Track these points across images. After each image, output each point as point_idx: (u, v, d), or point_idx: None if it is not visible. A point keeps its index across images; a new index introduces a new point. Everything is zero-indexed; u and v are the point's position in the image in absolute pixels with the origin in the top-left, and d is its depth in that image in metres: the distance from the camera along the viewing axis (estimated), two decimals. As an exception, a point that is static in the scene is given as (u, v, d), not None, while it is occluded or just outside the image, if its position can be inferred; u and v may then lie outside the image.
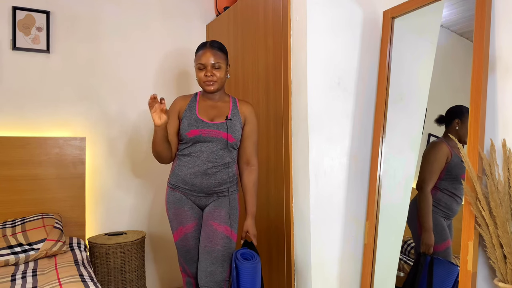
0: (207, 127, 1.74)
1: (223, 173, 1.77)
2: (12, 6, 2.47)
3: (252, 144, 1.84)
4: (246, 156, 1.84)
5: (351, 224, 1.92)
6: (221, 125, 1.75)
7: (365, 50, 1.95)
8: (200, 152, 1.74)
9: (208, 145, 1.74)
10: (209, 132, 1.74)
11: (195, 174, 1.75)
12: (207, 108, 1.81)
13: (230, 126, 1.76)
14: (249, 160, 1.84)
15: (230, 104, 1.83)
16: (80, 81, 2.65)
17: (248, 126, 1.83)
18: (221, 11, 2.83)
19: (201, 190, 1.77)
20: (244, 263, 1.65)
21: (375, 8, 1.96)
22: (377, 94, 1.91)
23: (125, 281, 2.45)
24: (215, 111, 1.81)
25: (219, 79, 1.76)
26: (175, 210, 1.80)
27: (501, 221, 1.30)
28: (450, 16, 1.72)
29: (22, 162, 2.43)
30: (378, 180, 1.87)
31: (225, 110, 1.81)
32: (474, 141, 1.41)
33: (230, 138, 1.75)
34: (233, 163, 1.82)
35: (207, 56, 1.74)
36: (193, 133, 1.74)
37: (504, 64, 1.44)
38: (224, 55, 1.80)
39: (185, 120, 1.77)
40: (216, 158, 1.75)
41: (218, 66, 1.75)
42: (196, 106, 1.81)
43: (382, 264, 1.85)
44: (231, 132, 1.76)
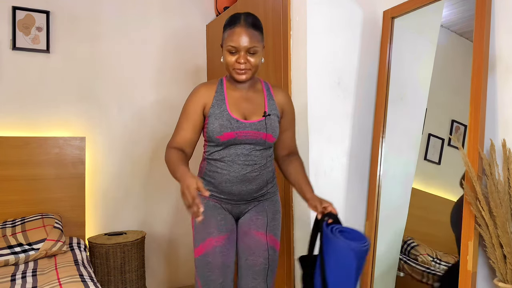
0: (243, 128, 1.43)
1: (264, 174, 1.50)
2: (12, 6, 2.47)
3: (293, 135, 1.59)
4: (286, 148, 1.58)
5: (351, 224, 1.92)
6: (259, 124, 1.44)
7: (365, 50, 1.95)
8: (236, 155, 1.45)
9: (244, 146, 1.45)
10: (246, 134, 1.43)
11: (231, 182, 1.46)
12: (238, 101, 1.48)
13: (270, 124, 1.46)
14: (291, 151, 1.59)
15: (264, 94, 1.52)
16: (80, 81, 2.65)
17: (287, 118, 1.55)
18: (221, 11, 2.83)
19: (240, 198, 1.50)
20: (352, 244, 1.22)
21: (375, 8, 1.96)
22: (377, 94, 1.92)
23: (125, 281, 2.45)
24: (248, 104, 1.48)
25: (253, 66, 1.42)
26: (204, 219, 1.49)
27: (501, 221, 1.30)
28: (450, 16, 1.72)
29: (22, 162, 2.43)
30: (378, 180, 1.87)
31: (260, 102, 1.49)
32: (474, 141, 1.41)
33: (270, 138, 1.47)
34: (272, 159, 1.56)
35: (242, 37, 1.38)
36: (227, 136, 1.42)
37: (504, 64, 1.44)
38: (261, 34, 1.44)
39: (215, 120, 1.43)
40: (255, 159, 1.47)
41: (254, 51, 1.40)
42: (226, 100, 1.47)
43: (382, 264, 1.85)
44: (271, 131, 1.46)
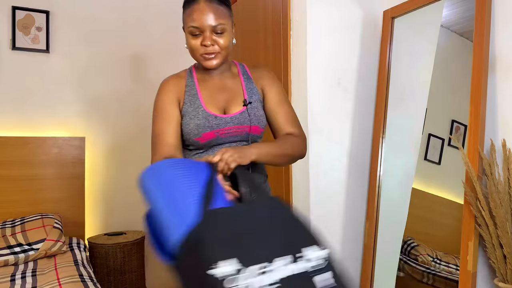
0: (224, 124, 1.21)
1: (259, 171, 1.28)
2: (12, 6, 2.47)
3: (287, 116, 1.28)
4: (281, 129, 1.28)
5: (351, 224, 1.92)
6: (241, 116, 1.22)
7: (365, 50, 1.95)
8: None
9: (230, 145, 1.24)
10: (229, 131, 1.22)
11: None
12: (213, 93, 1.26)
13: (254, 114, 1.23)
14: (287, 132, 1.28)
15: (241, 78, 1.29)
16: (79, 81, 2.65)
17: (271, 97, 1.29)
18: (221, 11, 2.83)
19: None
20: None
21: (375, 8, 1.96)
22: (377, 94, 1.91)
23: (125, 281, 2.45)
24: (225, 94, 1.26)
25: (223, 48, 1.19)
26: None
27: (501, 221, 1.30)
28: (450, 16, 1.72)
29: (22, 162, 2.43)
30: (378, 180, 1.87)
31: (238, 89, 1.27)
32: (474, 141, 1.41)
33: (257, 130, 1.24)
34: None
35: (205, 14, 1.15)
36: (207, 137, 1.21)
37: (504, 64, 1.44)
38: (228, 9, 1.22)
39: (190, 120, 1.21)
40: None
41: (222, 30, 1.17)
42: (198, 93, 1.25)
43: (382, 264, 1.85)
44: (257, 121, 1.24)
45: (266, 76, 1.31)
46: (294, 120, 1.30)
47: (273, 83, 1.31)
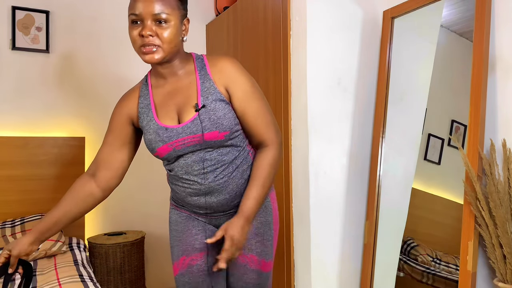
0: (176, 136, 1.12)
1: (236, 177, 1.19)
2: (12, 5, 2.47)
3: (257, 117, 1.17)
4: (254, 136, 1.20)
5: (351, 224, 1.92)
6: (193, 124, 1.11)
7: (365, 50, 1.95)
8: (187, 166, 1.16)
9: (193, 154, 1.15)
10: (184, 142, 1.12)
11: (195, 195, 1.19)
12: (166, 100, 1.16)
13: (209, 118, 1.11)
14: (261, 140, 1.19)
15: (196, 75, 1.15)
16: (79, 81, 2.65)
17: (238, 95, 1.14)
18: (221, 11, 2.83)
19: (214, 210, 1.22)
20: None
21: (375, 8, 1.96)
22: (377, 94, 1.91)
23: (124, 281, 2.45)
24: (178, 98, 1.15)
25: (166, 42, 1.07)
26: (176, 234, 1.27)
27: (500, 221, 1.30)
28: (450, 16, 1.72)
29: (21, 162, 2.42)
30: (378, 180, 1.87)
31: (191, 89, 1.14)
32: (474, 141, 1.41)
33: (215, 136, 1.11)
34: (245, 153, 1.21)
35: (146, 1, 1.06)
36: (162, 151, 1.15)
37: (504, 64, 1.44)
38: (177, 0, 1.10)
39: (144, 135, 1.18)
40: (215, 163, 1.16)
41: (166, 19, 1.06)
42: (151, 102, 1.17)
43: (382, 264, 1.85)
44: (213, 127, 1.11)
45: (227, 71, 1.14)
46: (264, 121, 1.17)
47: (236, 78, 1.14)
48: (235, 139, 1.17)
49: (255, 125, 1.17)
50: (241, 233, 1.09)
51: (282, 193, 2.03)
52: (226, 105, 1.14)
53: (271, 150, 1.19)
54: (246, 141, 1.23)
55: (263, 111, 1.18)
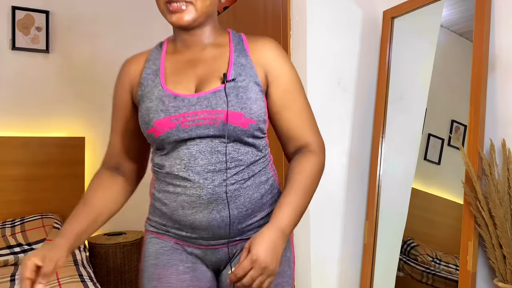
0: (187, 107, 0.85)
1: (253, 187, 0.90)
2: (12, 6, 2.47)
3: (301, 112, 0.93)
4: (291, 139, 0.94)
5: (350, 224, 1.92)
6: (214, 96, 0.85)
7: (365, 50, 1.95)
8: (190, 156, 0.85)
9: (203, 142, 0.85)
10: (194, 117, 0.84)
11: (193, 205, 0.86)
12: (183, 67, 0.91)
13: (236, 94, 0.85)
14: (303, 143, 0.94)
15: (231, 47, 0.92)
16: (79, 81, 2.65)
17: (281, 85, 0.91)
18: (221, 11, 2.83)
19: (217, 233, 0.89)
20: None
21: (375, 8, 1.96)
22: (377, 94, 1.91)
23: (124, 281, 2.45)
24: (200, 68, 0.90)
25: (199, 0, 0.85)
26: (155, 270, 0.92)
27: (500, 221, 1.30)
28: (450, 16, 1.72)
29: (22, 162, 2.43)
30: (378, 180, 1.87)
31: (221, 63, 0.90)
32: (474, 141, 1.41)
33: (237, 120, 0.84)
34: (267, 158, 0.96)
35: None
36: (162, 126, 0.85)
37: (504, 64, 1.44)
38: None
39: (143, 103, 0.89)
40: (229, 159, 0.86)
41: None
42: (161, 66, 0.92)
43: (382, 264, 1.85)
44: (239, 106, 0.85)
45: (271, 53, 0.91)
46: (310, 120, 0.94)
47: (281, 64, 0.91)
48: (258, 140, 0.90)
49: (298, 124, 0.92)
50: (272, 252, 0.76)
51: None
52: (260, 91, 0.88)
53: (317, 156, 0.93)
54: (269, 151, 0.98)
55: (308, 109, 0.95)
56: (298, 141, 0.95)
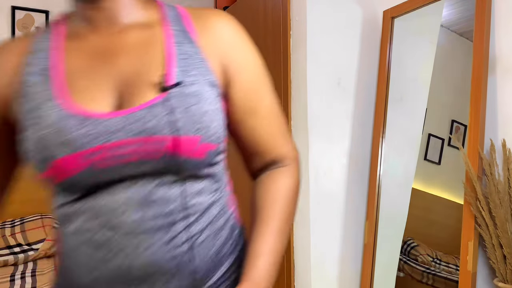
0: (106, 135, 0.53)
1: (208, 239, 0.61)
2: (12, 5, 2.47)
3: (270, 116, 0.71)
4: (263, 154, 0.70)
5: (351, 224, 1.92)
6: (150, 113, 0.54)
7: (365, 50, 1.95)
8: (111, 210, 0.55)
9: (133, 187, 0.55)
10: (119, 150, 0.53)
11: (119, 281, 0.56)
12: (92, 63, 0.58)
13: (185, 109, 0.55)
14: (273, 157, 0.70)
15: (166, 28, 0.61)
16: (79, 81, 2.65)
17: (241, 81, 0.65)
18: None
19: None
20: None
21: (375, 8, 1.96)
22: (377, 94, 1.91)
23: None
24: (122, 64, 0.58)
25: None
26: None
27: (500, 221, 1.30)
28: (450, 16, 1.72)
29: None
30: (378, 180, 1.87)
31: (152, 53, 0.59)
32: (474, 141, 1.41)
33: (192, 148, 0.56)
34: (223, 193, 0.68)
35: None
36: (68, 166, 0.53)
37: (504, 64, 1.44)
38: None
39: (30, 127, 0.54)
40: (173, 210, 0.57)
41: None
42: (55, 64, 0.57)
43: (382, 264, 1.85)
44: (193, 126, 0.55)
45: (229, 35, 0.63)
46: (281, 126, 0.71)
47: (245, 52, 0.65)
48: (216, 166, 0.63)
49: (266, 133, 0.67)
50: None
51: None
52: (217, 96, 0.60)
53: (291, 174, 0.69)
54: (227, 173, 0.70)
55: (278, 110, 0.72)
56: (267, 156, 0.68)
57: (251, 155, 0.70)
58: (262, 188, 0.69)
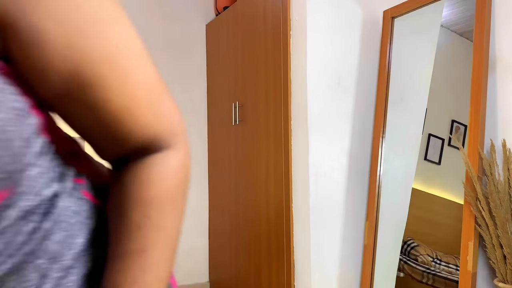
0: None
1: None
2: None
3: (114, 81, 0.36)
4: (114, 141, 0.41)
5: (351, 224, 1.92)
6: None
7: (365, 50, 1.95)
8: None
9: None
10: None
11: None
12: None
13: None
14: (139, 143, 0.41)
15: None
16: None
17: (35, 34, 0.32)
18: (221, 11, 2.83)
19: None
20: None
21: (375, 8, 1.96)
22: (377, 94, 1.91)
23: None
24: None
25: None
26: None
27: (501, 221, 1.30)
28: (450, 16, 1.72)
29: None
30: (378, 180, 1.87)
31: None
32: (474, 141, 1.41)
33: None
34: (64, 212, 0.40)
35: None
36: None
37: (504, 64, 1.44)
38: None
39: None
40: None
41: None
42: None
43: (382, 264, 1.85)
44: None
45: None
46: (145, 85, 0.40)
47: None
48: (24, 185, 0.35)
49: (118, 109, 0.38)
50: None
51: (282, 193, 2.03)
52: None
53: (168, 162, 0.43)
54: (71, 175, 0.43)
55: (137, 60, 0.39)
56: (126, 144, 0.41)
57: (99, 144, 0.43)
58: (125, 194, 0.42)
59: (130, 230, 0.41)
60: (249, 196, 2.30)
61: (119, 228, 0.42)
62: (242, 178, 2.38)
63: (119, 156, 0.44)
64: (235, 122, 2.43)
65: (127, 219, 0.41)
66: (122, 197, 0.42)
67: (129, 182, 0.43)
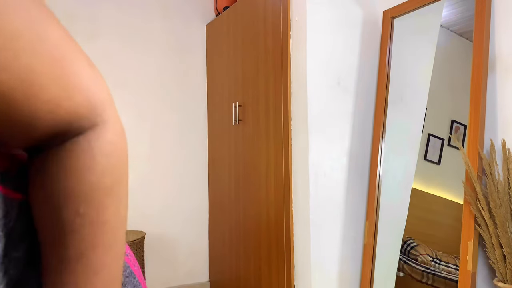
0: None
1: None
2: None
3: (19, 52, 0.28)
4: (22, 125, 0.31)
5: (350, 224, 1.92)
6: None
7: (365, 50, 1.95)
8: None
9: None
10: None
11: None
12: None
13: None
14: (59, 128, 0.33)
15: None
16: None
17: None
18: (221, 11, 2.83)
19: None
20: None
21: (375, 8, 1.96)
22: (377, 94, 1.92)
23: (124, 281, 2.45)
24: None
25: None
26: None
27: (500, 221, 1.30)
28: (450, 16, 1.72)
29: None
30: (378, 180, 1.87)
31: None
32: (474, 141, 1.41)
33: None
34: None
35: None
36: None
37: (504, 64, 1.44)
38: None
39: None
40: None
41: None
42: None
43: (382, 264, 1.85)
44: None
45: None
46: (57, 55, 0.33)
47: None
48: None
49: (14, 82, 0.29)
50: None
51: (282, 193, 2.03)
52: None
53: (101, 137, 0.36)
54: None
55: (31, 23, 0.30)
56: (34, 129, 0.33)
57: (3, 129, 0.33)
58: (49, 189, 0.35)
59: (64, 232, 0.34)
60: (249, 196, 2.30)
61: (49, 231, 0.34)
62: (242, 178, 2.38)
63: (32, 144, 0.34)
64: (235, 122, 2.44)
65: (57, 219, 0.34)
66: (47, 193, 0.34)
67: (51, 173, 0.34)
